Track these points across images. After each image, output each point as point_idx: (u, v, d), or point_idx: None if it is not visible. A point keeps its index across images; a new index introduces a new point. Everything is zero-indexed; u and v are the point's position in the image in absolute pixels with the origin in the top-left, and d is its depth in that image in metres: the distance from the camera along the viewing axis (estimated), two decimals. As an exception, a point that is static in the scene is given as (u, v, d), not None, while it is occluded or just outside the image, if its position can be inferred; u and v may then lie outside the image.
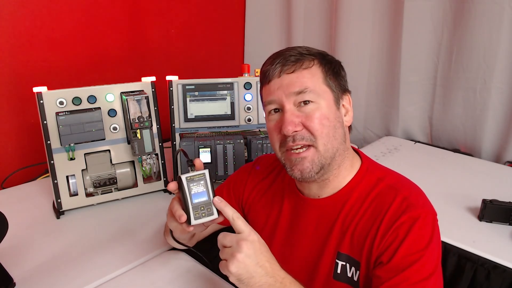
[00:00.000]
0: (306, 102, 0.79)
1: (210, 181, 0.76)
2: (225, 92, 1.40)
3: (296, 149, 0.80)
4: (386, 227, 0.76)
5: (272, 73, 0.81)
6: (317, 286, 0.86)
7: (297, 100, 0.79)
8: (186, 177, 0.74)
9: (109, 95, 1.28)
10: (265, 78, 0.84)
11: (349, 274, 0.82)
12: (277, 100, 0.81)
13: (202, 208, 0.75)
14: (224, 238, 0.74)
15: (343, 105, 0.85)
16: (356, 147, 0.92)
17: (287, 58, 0.81)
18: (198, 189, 0.75)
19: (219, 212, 0.76)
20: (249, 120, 1.42)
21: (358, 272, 0.80)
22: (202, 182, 0.75)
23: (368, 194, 0.82)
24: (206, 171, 0.76)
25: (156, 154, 1.37)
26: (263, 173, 1.01)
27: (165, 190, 1.42)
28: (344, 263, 0.82)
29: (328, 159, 0.80)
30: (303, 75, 0.80)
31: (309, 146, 0.80)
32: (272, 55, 0.85)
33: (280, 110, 0.82)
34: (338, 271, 0.83)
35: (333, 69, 0.83)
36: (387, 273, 0.74)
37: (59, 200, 1.27)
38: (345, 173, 0.85)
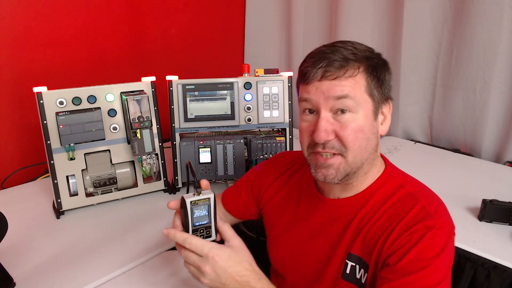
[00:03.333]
0: (343, 111, 0.76)
1: (214, 205, 0.75)
2: (225, 92, 1.40)
3: (324, 154, 0.79)
4: (399, 232, 0.75)
5: (313, 76, 0.77)
6: (325, 284, 0.86)
7: (335, 106, 0.76)
8: (191, 202, 0.73)
9: (109, 95, 1.28)
10: (304, 78, 0.79)
11: (358, 276, 0.81)
12: (314, 102, 0.77)
13: (201, 231, 0.75)
14: (187, 257, 0.76)
15: (382, 112, 0.81)
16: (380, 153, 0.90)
17: (330, 63, 0.76)
18: (201, 213, 0.74)
19: (217, 233, 0.77)
20: (249, 120, 1.42)
21: (366, 274, 0.80)
22: (205, 206, 0.74)
23: (387, 199, 0.81)
24: (212, 196, 0.75)
25: (156, 154, 1.37)
26: (282, 169, 1.00)
27: (165, 190, 1.42)
28: (353, 264, 0.82)
29: (355, 168, 0.80)
30: (345, 83, 0.76)
31: (338, 154, 0.78)
32: (315, 54, 0.80)
33: (315, 112, 0.79)
34: (347, 271, 0.82)
35: (379, 76, 0.79)
36: (391, 274, 0.74)
37: (59, 200, 1.27)
38: (370, 178, 0.84)
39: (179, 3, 1.95)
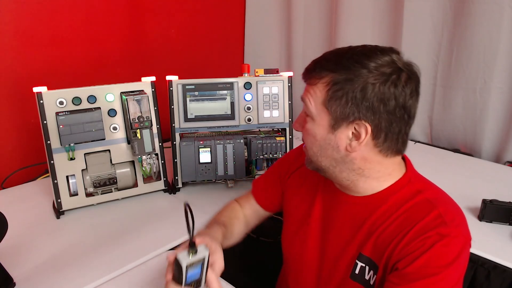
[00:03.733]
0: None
1: (207, 264, 0.76)
2: (225, 92, 1.40)
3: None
4: (413, 237, 0.74)
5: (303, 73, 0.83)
6: (334, 282, 0.86)
7: None
8: (187, 265, 0.73)
9: (109, 95, 1.28)
10: None
11: (367, 277, 0.81)
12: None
13: (193, 285, 0.76)
14: None
15: (353, 132, 0.77)
16: (406, 155, 0.87)
17: (309, 67, 0.81)
18: (195, 271, 0.75)
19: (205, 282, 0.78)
20: (249, 120, 1.42)
21: (375, 276, 0.80)
22: (199, 265, 0.75)
23: (403, 203, 0.80)
24: (207, 255, 0.75)
25: (156, 154, 1.37)
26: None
27: (165, 190, 1.42)
28: (363, 265, 0.81)
29: (318, 166, 0.84)
30: (309, 88, 0.80)
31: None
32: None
33: None
34: (356, 272, 0.82)
35: (346, 94, 0.74)
36: (398, 279, 0.73)
37: (59, 200, 1.27)
38: (374, 183, 0.82)
39: (179, 3, 1.95)
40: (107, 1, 1.70)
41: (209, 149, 1.38)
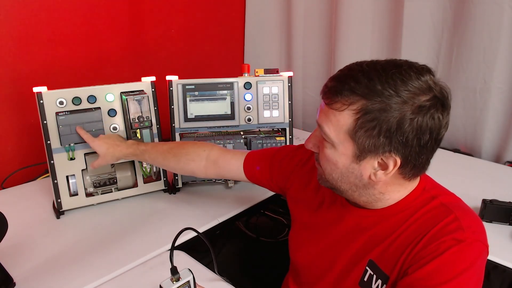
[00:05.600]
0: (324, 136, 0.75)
1: (194, 284, 0.76)
2: (225, 92, 1.40)
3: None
4: (427, 242, 0.70)
5: (322, 91, 0.74)
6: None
7: None
8: None
9: (109, 95, 1.28)
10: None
11: (374, 286, 0.78)
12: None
13: None
14: None
15: (379, 162, 0.71)
16: None
17: (331, 87, 0.71)
18: None
19: None
20: (249, 120, 1.42)
21: (384, 286, 0.76)
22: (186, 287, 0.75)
23: (417, 210, 0.76)
24: (191, 278, 0.76)
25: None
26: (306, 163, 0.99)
27: (165, 190, 1.42)
28: (371, 273, 0.78)
29: (335, 187, 0.79)
30: (330, 113, 0.71)
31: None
32: (340, 70, 0.73)
33: None
34: (365, 279, 0.79)
35: (380, 125, 0.66)
36: (407, 284, 0.70)
37: (59, 200, 1.27)
38: (390, 201, 0.79)
39: (179, 3, 1.95)
40: (107, 1, 1.70)
41: (209, 149, 1.38)
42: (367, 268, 0.79)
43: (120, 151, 1.18)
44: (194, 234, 0.83)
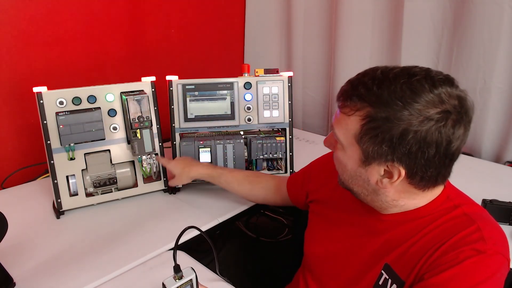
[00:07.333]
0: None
1: (197, 284, 0.76)
2: (225, 92, 1.40)
3: None
4: (446, 250, 0.69)
5: (337, 95, 0.76)
6: None
7: None
8: None
9: (109, 95, 1.28)
10: None
11: None
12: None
13: None
14: None
15: (385, 170, 0.72)
16: None
17: (344, 91, 0.73)
18: None
19: None
20: (249, 120, 1.42)
21: None
22: (188, 286, 0.75)
23: (439, 217, 0.75)
24: (193, 276, 0.76)
25: (156, 154, 1.37)
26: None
27: (165, 190, 1.42)
28: (387, 277, 0.78)
29: (350, 189, 0.82)
30: (341, 117, 0.74)
31: None
32: (358, 74, 0.74)
33: None
34: (380, 283, 0.79)
35: (383, 134, 0.67)
36: None
37: (59, 200, 1.27)
38: (403, 205, 0.78)
39: (179, 3, 1.95)
40: (107, 1, 1.70)
41: (209, 149, 1.38)
42: (382, 271, 0.79)
43: (196, 171, 1.26)
44: (195, 234, 0.83)
